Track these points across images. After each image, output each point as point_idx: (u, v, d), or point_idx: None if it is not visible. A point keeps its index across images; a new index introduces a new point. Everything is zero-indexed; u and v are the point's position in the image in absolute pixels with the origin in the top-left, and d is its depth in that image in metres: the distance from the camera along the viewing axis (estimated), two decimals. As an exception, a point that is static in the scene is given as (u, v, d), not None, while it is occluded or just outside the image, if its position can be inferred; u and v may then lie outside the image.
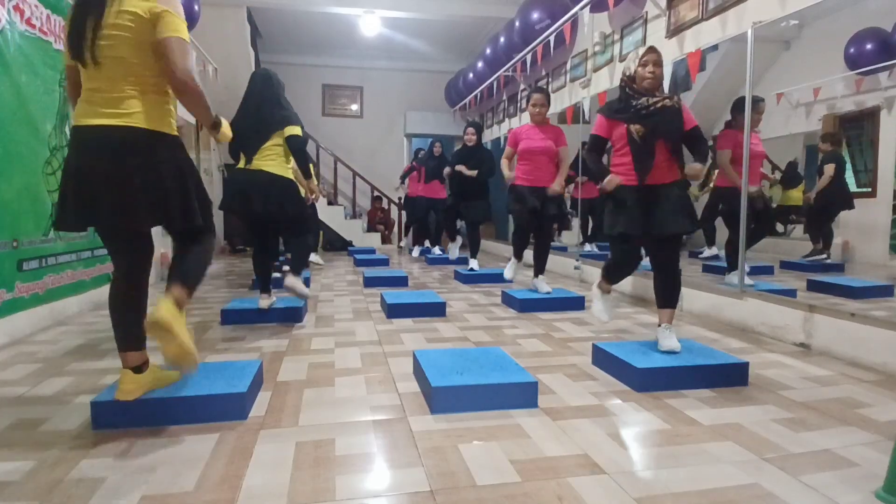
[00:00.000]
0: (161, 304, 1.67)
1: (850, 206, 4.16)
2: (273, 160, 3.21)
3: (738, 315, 3.38)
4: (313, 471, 1.54)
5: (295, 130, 3.28)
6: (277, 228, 3.46)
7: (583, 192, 5.86)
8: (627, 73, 2.56)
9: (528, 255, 4.35)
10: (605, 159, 2.75)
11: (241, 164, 3.24)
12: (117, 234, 1.82)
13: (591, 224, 6.14)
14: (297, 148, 3.31)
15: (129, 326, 1.84)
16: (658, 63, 2.49)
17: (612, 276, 2.85)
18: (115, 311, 1.85)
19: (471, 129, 5.73)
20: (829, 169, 4.14)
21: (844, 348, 2.69)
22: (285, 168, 3.27)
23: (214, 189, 7.88)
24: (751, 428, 1.84)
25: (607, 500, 1.40)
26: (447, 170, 5.95)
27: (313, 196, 4.11)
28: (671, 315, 2.56)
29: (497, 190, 5.76)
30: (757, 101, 3.75)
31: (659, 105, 2.48)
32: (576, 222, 6.07)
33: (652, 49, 2.52)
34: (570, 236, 6.51)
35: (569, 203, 5.86)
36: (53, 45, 3.47)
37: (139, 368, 1.85)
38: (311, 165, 3.65)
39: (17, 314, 3.06)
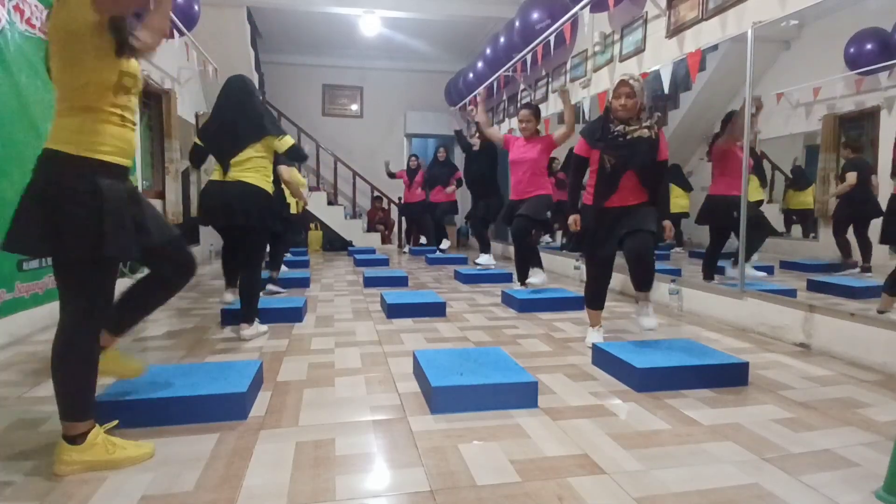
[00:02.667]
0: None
1: (880, 214, 4.00)
2: (253, 172, 3.05)
3: (738, 315, 3.38)
4: (313, 471, 1.54)
5: (289, 143, 3.14)
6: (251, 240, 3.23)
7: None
8: (608, 102, 2.72)
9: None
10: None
11: (217, 177, 3.10)
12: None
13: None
14: (295, 158, 3.31)
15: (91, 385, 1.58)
16: (630, 95, 2.60)
17: (593, 298, 2.91)
18: (90, 365, 1.57)
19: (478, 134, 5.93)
20: (851, 177, 4.02)
21: (844, 348, 2.69)
22: (265, 180, 3.11)
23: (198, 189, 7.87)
24: (751, 428, 1.84)
25: (607, 500, 1.40)
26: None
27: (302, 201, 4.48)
28: (647, 297, 2.77)
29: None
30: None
31: (636, 135, 2.62)
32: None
33: (623, 82, 2.62)
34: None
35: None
36: (53, 45, 3.46)
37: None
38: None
39: (17, 314, 3.06)
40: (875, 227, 3.89)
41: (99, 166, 1.51)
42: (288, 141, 3.15)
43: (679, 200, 5.34)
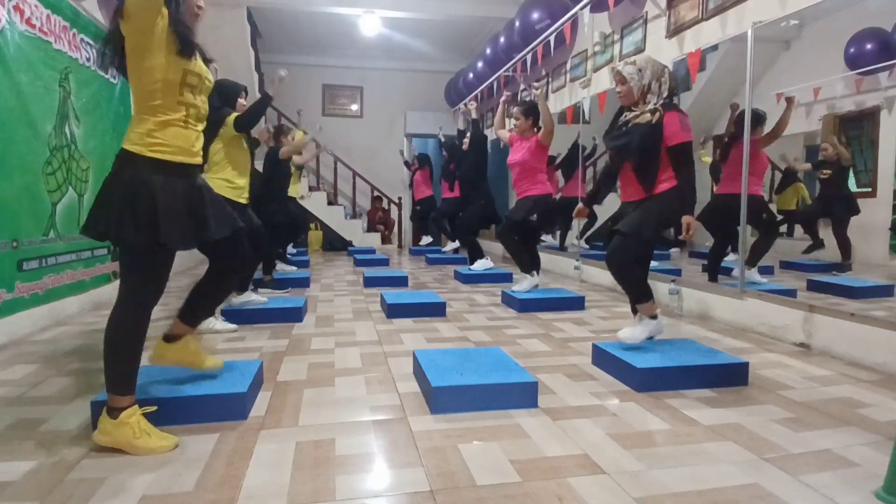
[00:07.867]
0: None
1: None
2: (210, 174, 3.06)
3: (738, 315, 3.38)
4: (313, 471, 1.54)
5: (232, 119, 3.10)
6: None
7: (564, 192, 6.08)
8: None
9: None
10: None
11: None
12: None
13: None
14: (242, 124, 3.13)
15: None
16: (621, 81, 2.51)
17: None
18: (134, 344, 1.69)
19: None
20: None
21: (844, 348, 2.69)
22: (218, 181, 3.06)
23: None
24: (751, 428, 1.84)
25: (607, 500, 1.40)
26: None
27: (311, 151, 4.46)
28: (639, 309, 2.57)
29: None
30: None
31: (633, 122, 2.49)
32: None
33: (615, 71, 2.57)
34: (570, 236, 6.51)
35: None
36: (53, 45, 3.47)
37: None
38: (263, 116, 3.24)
39: (17, 314, 3.06)
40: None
41: (160, 165, 1.64)
42: (230, 119, 3.08)
43: None
